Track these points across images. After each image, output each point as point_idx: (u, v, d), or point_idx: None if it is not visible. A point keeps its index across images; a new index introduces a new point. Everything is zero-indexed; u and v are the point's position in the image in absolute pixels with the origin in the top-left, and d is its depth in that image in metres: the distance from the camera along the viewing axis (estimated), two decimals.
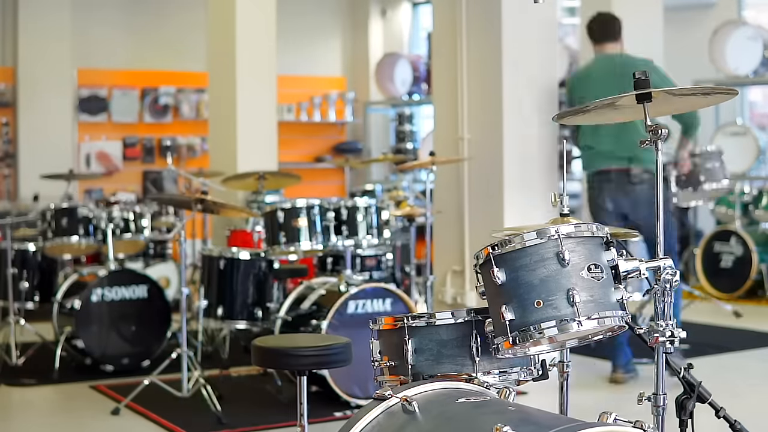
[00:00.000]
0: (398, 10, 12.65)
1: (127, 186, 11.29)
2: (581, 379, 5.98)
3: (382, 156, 9.33)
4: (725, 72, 9.52)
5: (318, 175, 12.21)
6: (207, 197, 5.33)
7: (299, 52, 12.18)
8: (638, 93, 2.86)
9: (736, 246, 8.95)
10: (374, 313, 5.20)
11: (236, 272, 5.78)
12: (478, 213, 6.45)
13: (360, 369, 4.79)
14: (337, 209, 5.69)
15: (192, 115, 11.66)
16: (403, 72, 11.96)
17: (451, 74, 6.59)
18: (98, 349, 6.20)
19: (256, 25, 8.60)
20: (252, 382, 5.96)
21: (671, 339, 2.75)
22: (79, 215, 6.48)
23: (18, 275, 6.54)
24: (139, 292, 6.31)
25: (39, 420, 5.42)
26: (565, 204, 2.91)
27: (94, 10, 11.34)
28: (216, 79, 8.92)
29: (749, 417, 3.36)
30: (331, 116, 12.41)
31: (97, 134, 11.33)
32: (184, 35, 11.56)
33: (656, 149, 2.86)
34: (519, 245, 2.67)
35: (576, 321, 2.61)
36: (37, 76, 10.80)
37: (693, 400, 2.90)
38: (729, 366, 6.40)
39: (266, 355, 3.53)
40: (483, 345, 2.80)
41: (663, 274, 2.74)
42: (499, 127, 6.22)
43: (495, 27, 6.23)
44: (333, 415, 5.12)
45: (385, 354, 2.95)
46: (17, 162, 10.84)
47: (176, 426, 4.95)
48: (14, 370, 6.28)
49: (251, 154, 8.52)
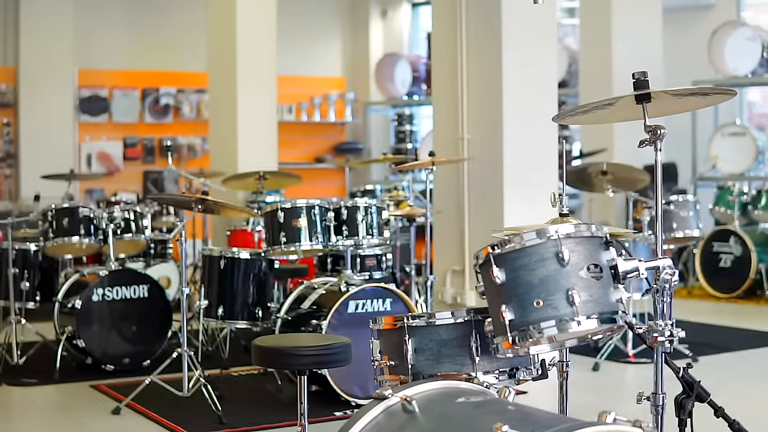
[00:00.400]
0: (398, 10, 12.66)
1: (128, 186, 11.30)
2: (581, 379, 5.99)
3: (382, 156, 9.32)
4: (724, 72, 9.53)
5: (318, 175, 12.22)
6: (207, 197, 5.34)
7: (299, 52, 12.19)
8: (638, 93, 2.88)
9: (735, 246, 8.95)
10: (374, 313, 5.20)
11: (236, 272, 5.78)
12: (478, 213, 6.46)
13: (360, 369, 4.80)
14: (337, 209, 5.69)
15: (192, 116, 11.67)
16: (403, 72, 11.97)
17: (451, 74, 6.60)
18: (99, 348, 6.20)
19: (256, 25, 8.61)
20: (252, 382, 5.97)
21: (670, 338, 2.76)
22: (80, 215, 6.47)
23: (19, 275, 6.54)
24: (140, 291, 6.31)
25: (40, 420, 5.43)
26: (565, 204, 2.92)
27: (95, 10, 11.35)
28: (216, 79, 8.93)
29: (748, 417, 3.37)
30: (331, 116, 12.42)
31: (97, 134, 11.34)
32: (185, 35, 11.58)
33: (656, 149, 2.87)
34: (519, 245, 2.68)
35: (575, 320, 2.62)
36: (38, 76, 10.81)
37: (692, 399, 2.91)
38: (728, 366, 6.41)
39: (266, 355, 3.54)
40: (483, 345, 2.81)
41: (662, 273, 2.75)
42: (499, 127, 6.23)
43: (495, 27, 6.24)
44: (333, 414, 5.12)
45: (385, 354, 2.96)
46: (18, 162, 10.85)
47: (177, 425, 4.96)
48: (15, 370, 6.28)
49: (251, 154, 8.54)
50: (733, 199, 9.06)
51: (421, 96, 11.89)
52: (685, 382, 2.93)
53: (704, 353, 6.54)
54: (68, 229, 6.43)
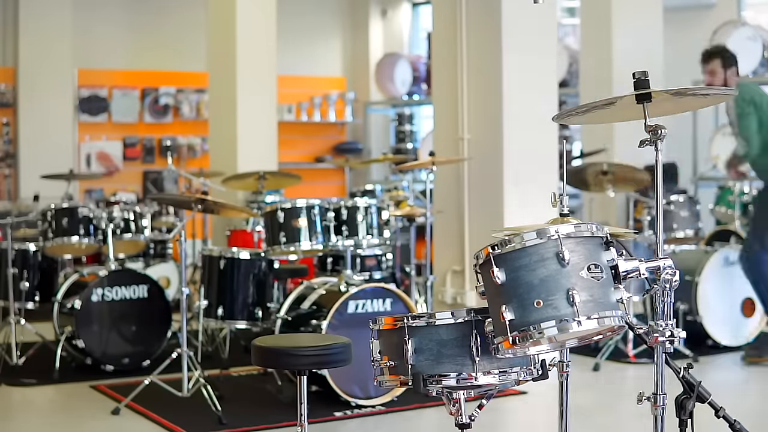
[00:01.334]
0: (398, 10, 12.65)
1: (128, 186, 11.30)
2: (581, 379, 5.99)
3: (382, 156, 9.32)
4: None
5: (318, 175, 12.21)
6: (207, 197, 5.34)
7: (299, 52, 12.18)
8: (638, 93, 2.87)
9: (735, 246, 8.93)
10: (374, 313, 5.20)
11: (236, 272, 5.78)
12: (478, 213, 6.45)
13: (360, 369, 4.81)
14: (337, 209, 5.69)
15: (192, 115, 11.66)
16: (403, 72, 11.96)
17: (451, 74, 6.60)
18: (99, 348, 6.20)
19: (256, 25, 8.61)
20: (252, 382, 5.97)
21: (671, 339, 2.76)
22: (79, 215, 6.47)
23: (18, 275, 6.53)
24: (140, 292, 6.31)
25: (39, 420, 5.42)
26: (565, 204, 2.92)
27: (95, 10, 11.34)
28: (216, 79, 8.93)
29: (748, 417, 3.37)
30: (331, 116, 12.41)
31: (97, 134, 11.34)
32: (185, 35, 11.57)
33: (656, 149, 2.86)
34: (519, 245, 2.68)
35: (576, 321, 2.62)
36: (38, 76, 10.80)
37: (692, 399, 2.91)
38: (729, 366, 6.41)
39: (266, 355, 3.54)
40: (483, 345, 2.81)
41: (663, 274, 2.75)
42: (499, 127, 6.23)
43: (495, 27, 6.24)
44: (333, 415, 5.12)
45: (385, 354, 2.96)
46: (18, 162, 10.85)
47: (176, 426, 4.95)
48: (15, 370, 6.28)
49: (251, 154, 8.53)
50: (733, 199, 9.05)
51: (421, 96, 11.89)
52: (686, 383, 2.92)
53: (704, 353, 6.54)
54: (68, 229, 6.43)
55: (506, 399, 5.46)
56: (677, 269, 2.76)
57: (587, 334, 2.74)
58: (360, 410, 5.19)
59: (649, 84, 2.86)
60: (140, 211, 6.74)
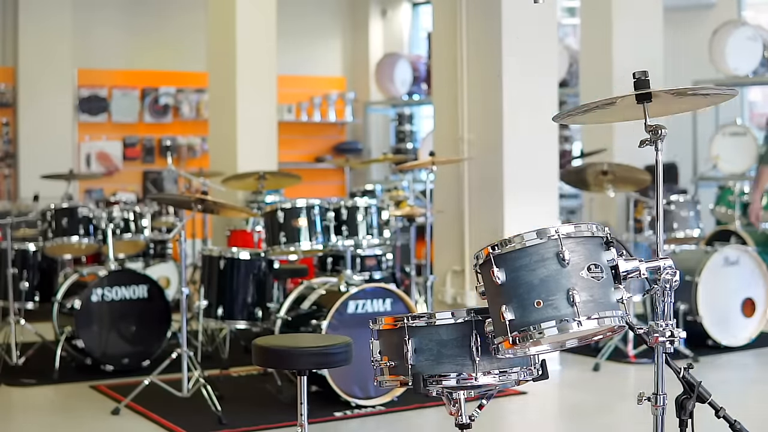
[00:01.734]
0: (398, 10, 12.65)
1: (127, 186, 11.29)
2: (581, 379, 5.99)
3: (382, 156, 9.32)
4: (725, 72, 9.52)
5: (318, 175, 12.21)
6: (207, 197, 5.33)
7: (299, 53, 12.18)
8: (638, 93, 2.87)
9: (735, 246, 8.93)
10: (374, 313, 5.20)
11: (236, 272, 5.78)
12: (478, 213, 6.45)
13: (360, 369, 4.81)
14: (337, 209, 5.69)
15: (192, 115, 11.66)
16: (403, 72, 11.96)
17: (451, 74, 6.60)
18: (98, 349, 6.20)
19: (256, 25, 8.60)
20: (252, 382, 5.96)
21: (671, 339, 2.75)
22: (79, 215, 6.47)
23: (18, 275, 6.53)
24: (140, 292, 6.31)
25: (39, 420, 5.42)
26: None
27: (95, 10, 11.34)
28: (216, 79, 8.93)
29: (749, 417, 3.36)
30: (331, 116, 12.41)
31: (97, 134, 11.34)
32: (185, 35, 11.57)
33: (656, 149, 2.86)
34: (519, 245, 2.68)
35: (576, 321, 2.62)
36: (38, 76, 10.80)
37: (693, 400, 2.91)
38: (729, 366, 6.40)
39: (266, 355, 3.53)
40: (483, 345, 2.81)
41: (663, 274, 2.74)
42: (499, 127, 6.23)
43: (495, 27, 6.23)
44: (333, 415, 5.12)
45: (385, 354, 2.96)
46: (17, 162, 10.85)
47: (176, 426, 4.95)
48: (14, 370, 6.28)
49: (251, 154, 8.53)
50: (734, 199, 9.05)
51: (421, 96, 11.88)
52: (686, 383, 2.92)
53: (704, 353, 6.54)
54: (67, 229, 6.43)
55: (506, 399, 5.46)
56: (677, 269, 2.76)
57: (587, 334, 2.74)
58: (360, 410, 5.19)
59: (649, 84, 2.86)
60: (140, 211, 6.74)
